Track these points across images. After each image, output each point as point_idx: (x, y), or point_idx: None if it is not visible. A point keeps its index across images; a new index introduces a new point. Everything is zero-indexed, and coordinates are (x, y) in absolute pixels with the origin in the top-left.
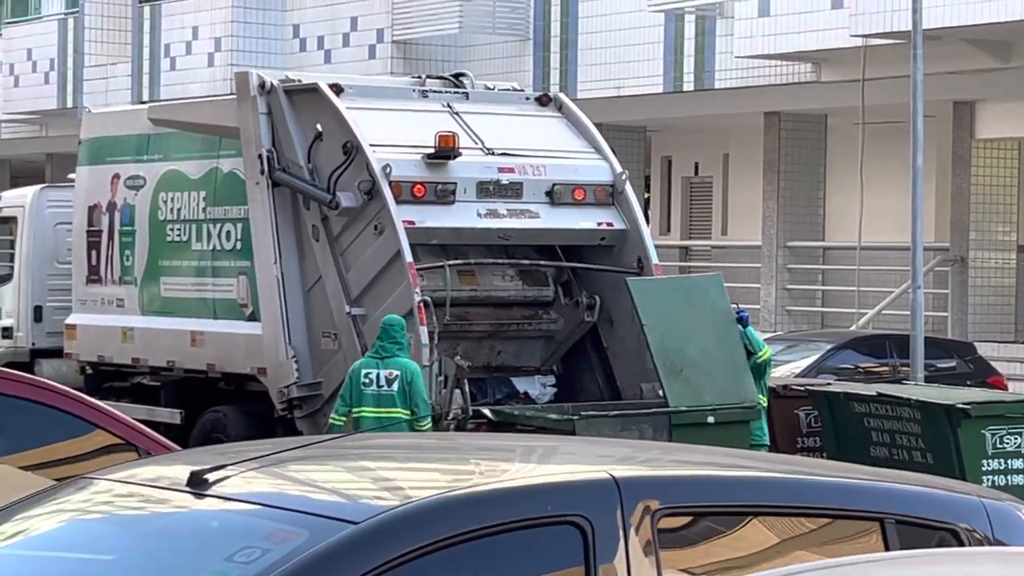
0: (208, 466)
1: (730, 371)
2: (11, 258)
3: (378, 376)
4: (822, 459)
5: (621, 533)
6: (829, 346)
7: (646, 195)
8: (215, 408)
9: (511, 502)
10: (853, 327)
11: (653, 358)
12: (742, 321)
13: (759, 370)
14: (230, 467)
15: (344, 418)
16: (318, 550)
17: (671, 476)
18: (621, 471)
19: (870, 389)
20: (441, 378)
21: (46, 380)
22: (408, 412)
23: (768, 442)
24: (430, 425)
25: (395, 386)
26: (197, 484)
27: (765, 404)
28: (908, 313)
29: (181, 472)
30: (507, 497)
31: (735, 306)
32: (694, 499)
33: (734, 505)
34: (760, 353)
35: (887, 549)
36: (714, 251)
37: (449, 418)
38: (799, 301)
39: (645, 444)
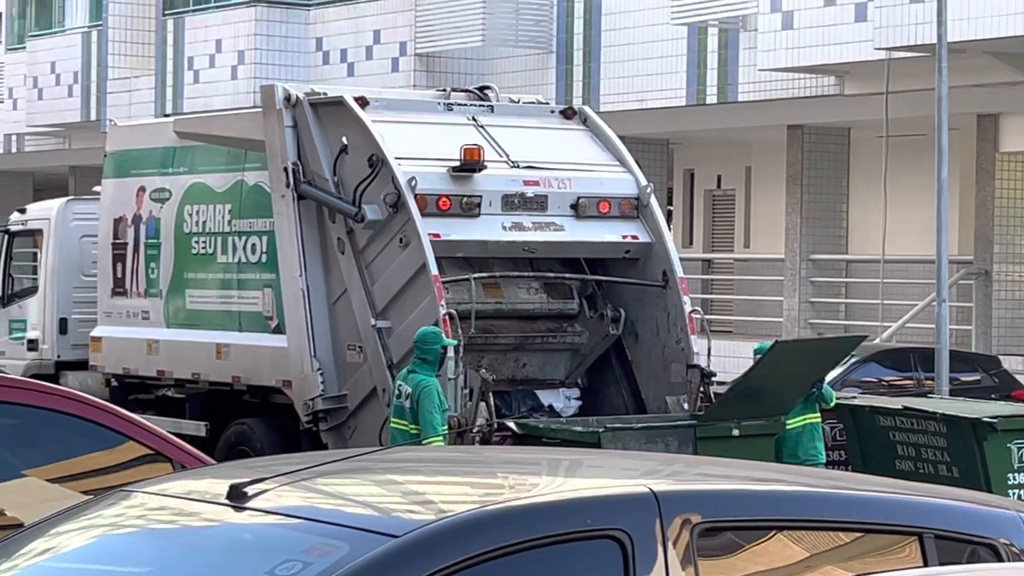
0: (247, 479)
1: (780, 399)
2: (34, 271)
3: (402, 389)
4: (855, 473)
5: (660, 547)
6: (853, 359)
7: (669, 208)
8: (240, 421)
9: (551, 516)
10: (877, 340)
11: (732, 392)
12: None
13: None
14: (268, 481)
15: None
16: (360, 563)
17: (710, 490)
18: (660, 485)
19: (895, 402)
20: (466, 391)
21: (78, 392)
22: (418, 428)
23: (824, 460)
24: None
25: (407, 402)
26: (236, 497)
27: (818, 420)
28: (932, 326)
29: (219, 486)
30: (547, 511)
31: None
32: (733, 513)
33: (773, 519)
34: (827, 403)
35: (926, 563)
36: (737, 264)
37: (474, 431)
38: (822, 314)
39: (671, 457)
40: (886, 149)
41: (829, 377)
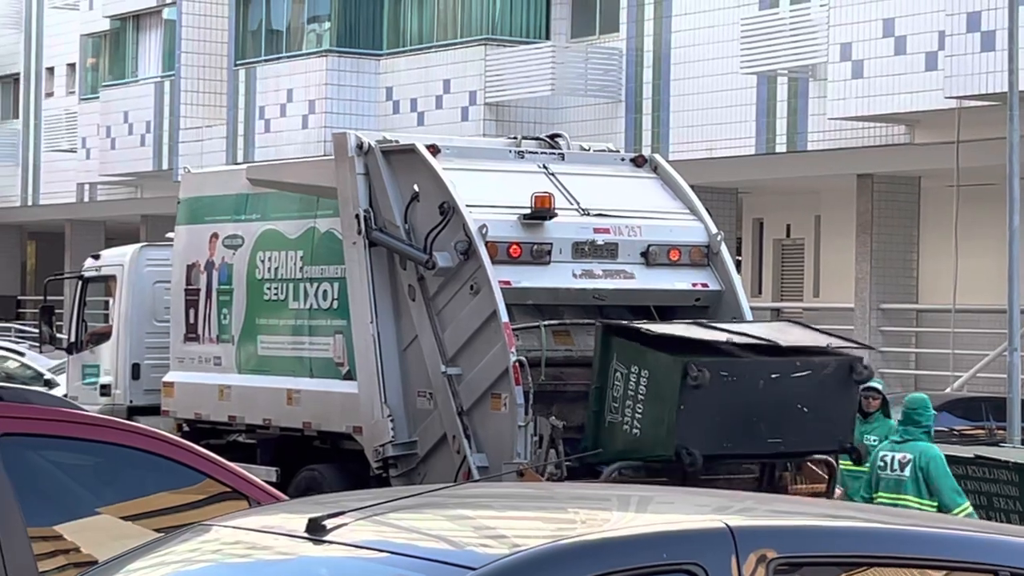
0: (325, 513)
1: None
2: (106, 319)
3: (892, 459)
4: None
5: None
6: None
7: (738, 257)
8: (310, 467)
9: (627, 550)
10: (948, 389)
11: None
12: None
13: None
14: (345, 515)
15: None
16: None
17: (786, 526)
18: (735, 520)
19: (967, 451)
20: (536, 437)
21: (155, 430)
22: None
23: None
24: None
25: (906, 472)
26: (316, 531)
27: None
28: (1004, 376)
29: (295, 520)
30: (623, 545)
31: None
32: (809, 549)
33: (849, 555)
34: None
35: None
36: (806, 313)
37: (544, 477)
38: (892, 364)
39: (743, 494)
40: (957, 198)
41: None
